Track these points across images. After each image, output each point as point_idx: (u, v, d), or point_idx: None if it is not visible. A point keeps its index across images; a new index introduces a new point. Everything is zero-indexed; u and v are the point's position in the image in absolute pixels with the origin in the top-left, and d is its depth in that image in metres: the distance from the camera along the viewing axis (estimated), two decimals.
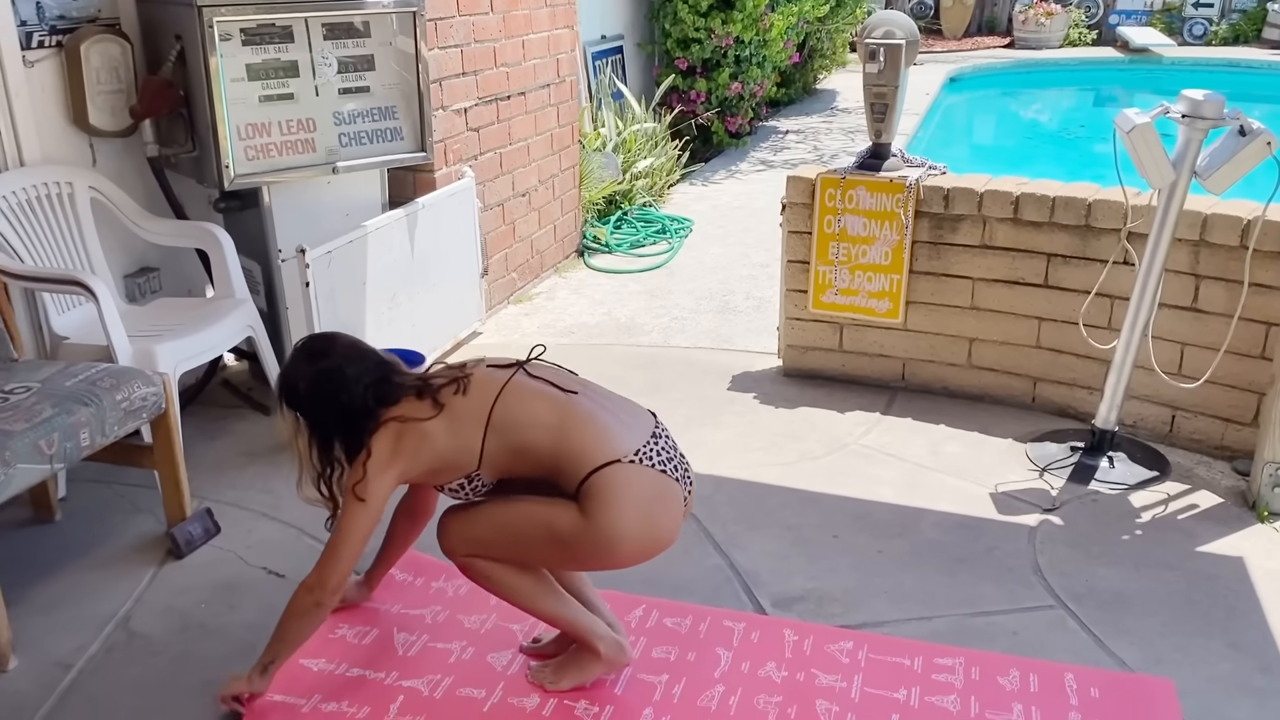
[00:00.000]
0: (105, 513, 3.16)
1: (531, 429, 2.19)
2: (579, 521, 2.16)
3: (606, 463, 2.15)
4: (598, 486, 2.15)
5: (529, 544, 2.23)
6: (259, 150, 3.48)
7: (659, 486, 2.19)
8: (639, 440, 2.22)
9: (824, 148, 8.16)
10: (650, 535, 2.20)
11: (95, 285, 2.94)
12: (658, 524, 2.20)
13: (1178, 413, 3.46)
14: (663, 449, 2.24)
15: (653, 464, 2.19)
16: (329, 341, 2.38)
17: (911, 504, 3.20)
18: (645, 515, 2.17)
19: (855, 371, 4.00)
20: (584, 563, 2.29)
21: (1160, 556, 2.93)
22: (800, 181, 3.86)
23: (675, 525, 2.24)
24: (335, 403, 2.25)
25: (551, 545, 2.20)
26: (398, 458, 2.20)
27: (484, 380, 2.26)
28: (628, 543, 2.16)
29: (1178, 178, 3.06)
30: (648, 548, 2.22)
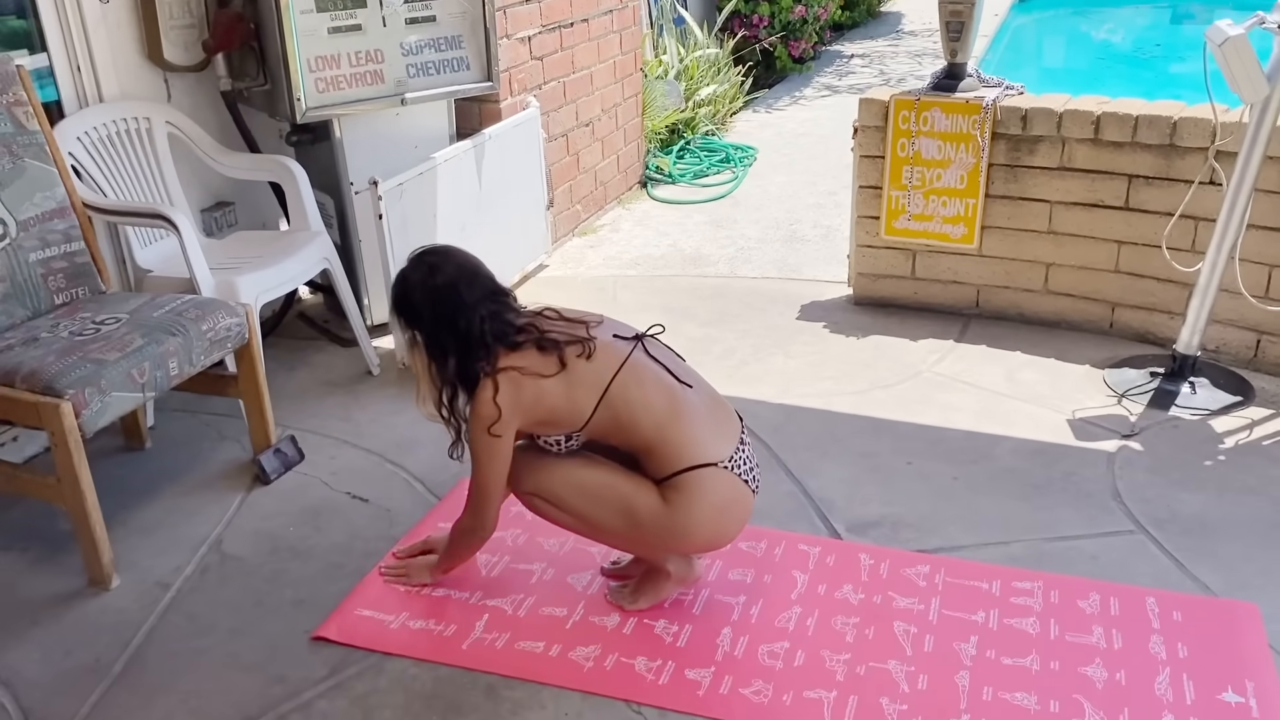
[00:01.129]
0: (193, 441, 3.26)
1: (642, 412, 2.23)
2: (659, 508, 2.23)
3: (702, 464, 2.22)
4: (688, 483, 2.22)
5: (599, 509, 2.29)
6: (329, 83, 3.49)
7: (738, 494, 2.28)
8: (730, 447, 2.28)
9: (890, 72, 7.97)
10: (717, 536, 2.32)
11: (177, 218, 3.00)
12: (727, 527, 2.32)
13: (1263, 337, 3.37)
14: (747, 457, 2.31)
15: (739, 473, 2.27)
16: (444, 257, 2.34)
17: (987, 431, 3.18)
18: (720, 518, 2.28)
19: (928, 299, 3.95)
20: (643, 543, 2.35)
21: (1244, 482, 2.88)
22: (873, 104, 3.78)
23: (739, 529, 2.35)
24: (451, 325, 2.24)
25: (621, 518, 2.27)
26: (518, 409, 2.21)
27: (607, 349, 2.27)
28: (695, 538, 2.29)
29: (1272, 91, 2.94)
30: (708, 545, 2.36)
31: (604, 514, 2.30)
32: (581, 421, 2.24)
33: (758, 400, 3.39)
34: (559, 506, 2.33)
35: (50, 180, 2.88)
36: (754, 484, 2.32)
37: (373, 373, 3.63)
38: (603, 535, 2.37)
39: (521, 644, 2.36)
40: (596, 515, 2.31)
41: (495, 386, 2.20)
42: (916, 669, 2.26)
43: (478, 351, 2.23)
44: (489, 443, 2.23)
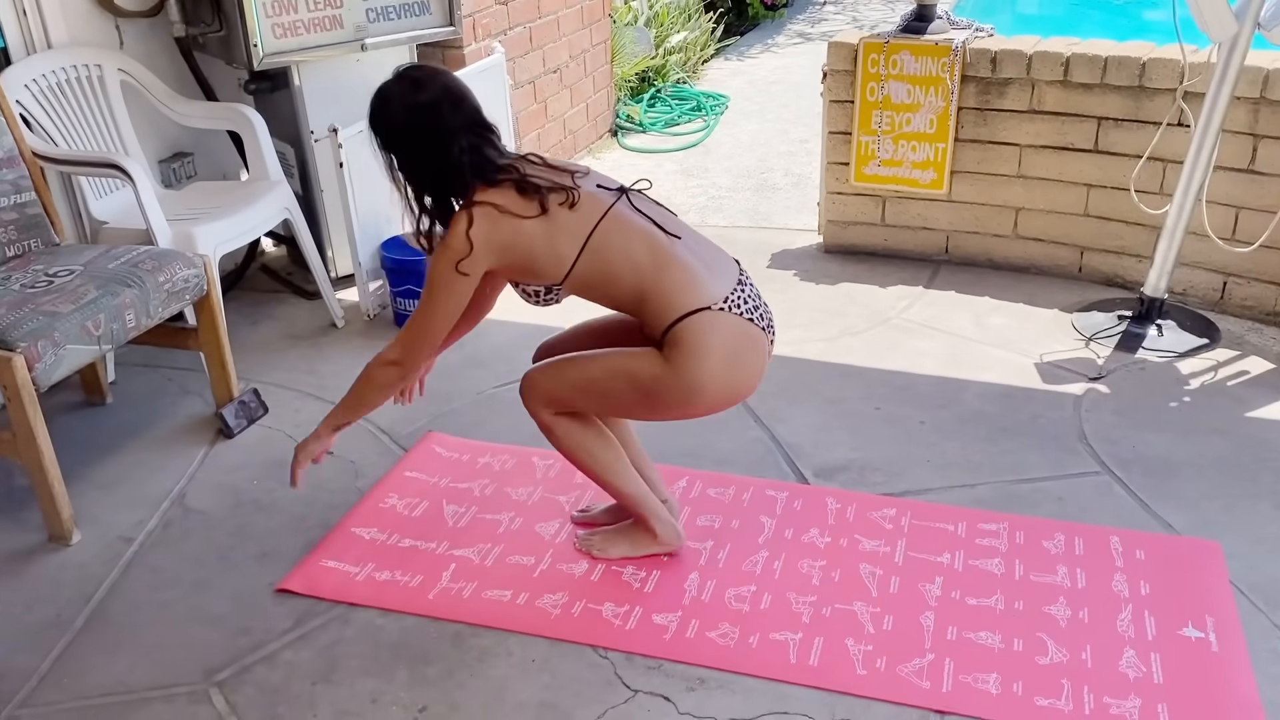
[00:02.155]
0: (155, 396, 3.21)
1: (624, 264, 2.12)
2: (663, 369, 2.12)
3: (694, 310, 2.10)
4: (684, 334, 2.10)
5: (612, 395, 2.20)
6: (286, 28, 3.41)
7: (744, 334, 2.15)
8: (726, 287, 2.15)
9: (863, 18, 7.90)
10: (732, 384, 2.17)
11: (131, 167, 2.93)
12: (740, 373, 2.17)
13: (1229, 279, 3.38)
14: (749, 296, 2.18)
15: (740, 311, 2.14)
16: (430, 76, 2.19)
17: (955, 376, 3.18)
18: (729, 364, 2.14)
19: (898, 246, 3.93)
20: (665, 410, 2.22)
21: (1208, 422, 2.90)
22: (842, 47, 3.73)
23: (758, 374, 2.21)
24: (428, 149, 2.11)
25: (634, 394, 2.17)
26: (491, 247, 2.09)
27: (590, 199, 2.14)
28: (710, 391, 2.14)
29: (1241, 30, 2.92)
30: (728, 396, 2.20)
31: (616, 398, 2.20)
32: (563, 272, 2.13)
33: None
34: (574, 409, 2.25)
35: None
36: (762, 322, 2.19)
37: (337, 325, 3.59)
38: (622, 413, 2.31)
39: (489, 593, 2.35)
40: (610, 402, 2.22)
41: (470, 220, 2.07)
42: (882, 610, 2.27)
43: (453, 182, 2.12)
44: (451, 279, 2.10)
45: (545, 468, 2.79)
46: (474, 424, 3.03)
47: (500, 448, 2.89)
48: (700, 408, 2.19)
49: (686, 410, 2.20)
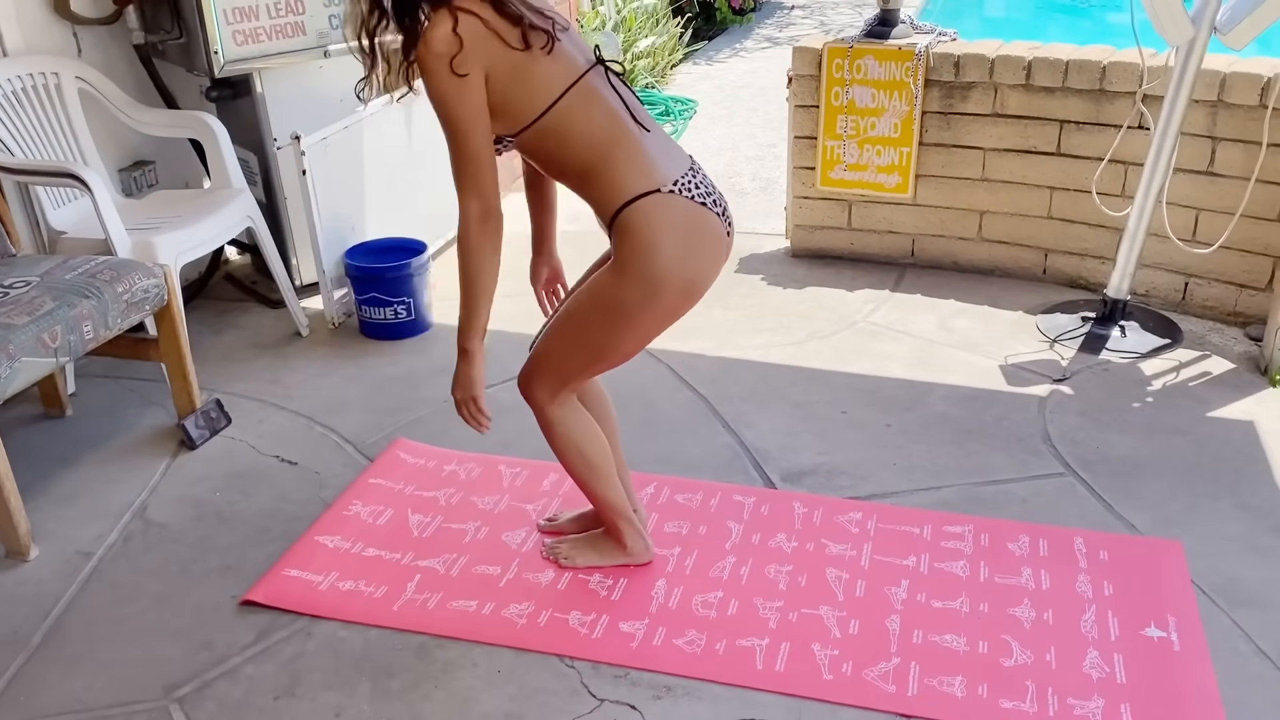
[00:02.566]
0: (116, 407, 3.17)
1: (583, 134, 2.01)
2: (618, 274, 2.05)
3: (644, 193, 2.01)
4: (633, 219, 2.01)
5: (591, 334, 2.13)
6: (248, 35, 3.38)
7: (696, 218, 2.05)
8: (677, 171, 2.06)
9: (831, 23, 7.93)
10: (689, 272, 2.06)
11: (88, 176, 2.89)
12: (697, 260, 2.07)
13: (1191, 280, 3.41)
14: (700, 181, 2.09)
15: (692, 195, 2.05)
16: None
17: (921, 379, 3.19)
18: (684, 250, 2.03)
19: (864, 249, 3.94)
20: (635, 321, 2.09)
21: (1171, 422, 2.92)
22: (807, 52, 3.75)
23: (715, 263, 2.12)
24: None
25: (606, 319, 2.09)
26: (479, 50, 1.90)
27: (568, 57, 2.00)
28: (669, 281, 2.03)
29: (1197, 33, 2.95)
30: (688, 286, 2.08)
31: (599, 338, 2.13)
32: (524, 123, 1.99)
33: (696, 354, 3.37)
34: (571, 376, 2.19)
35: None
36: (716, 208, 2.09)
37: (301, 334, 3.56)
38: (609, 351, 2.17)
39: (454, 603, 2.33)
40: (598, 349, 2.15)
41: (454, 19, 1.89)
42: (848, 614, 2.27)
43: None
44: (457, 85, 1.90)
45: (512, 475, 2.77)
46: (441, 431, 3.01)
47: (467, 455, 2.87)
48: (665, 303, 2.07)
49: (654, 311, 2.08)
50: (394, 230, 3.76)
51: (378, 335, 3.53)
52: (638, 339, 2.16)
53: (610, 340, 2.14)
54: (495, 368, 3.29)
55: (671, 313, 2.13)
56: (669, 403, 3.12)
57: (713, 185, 2.13)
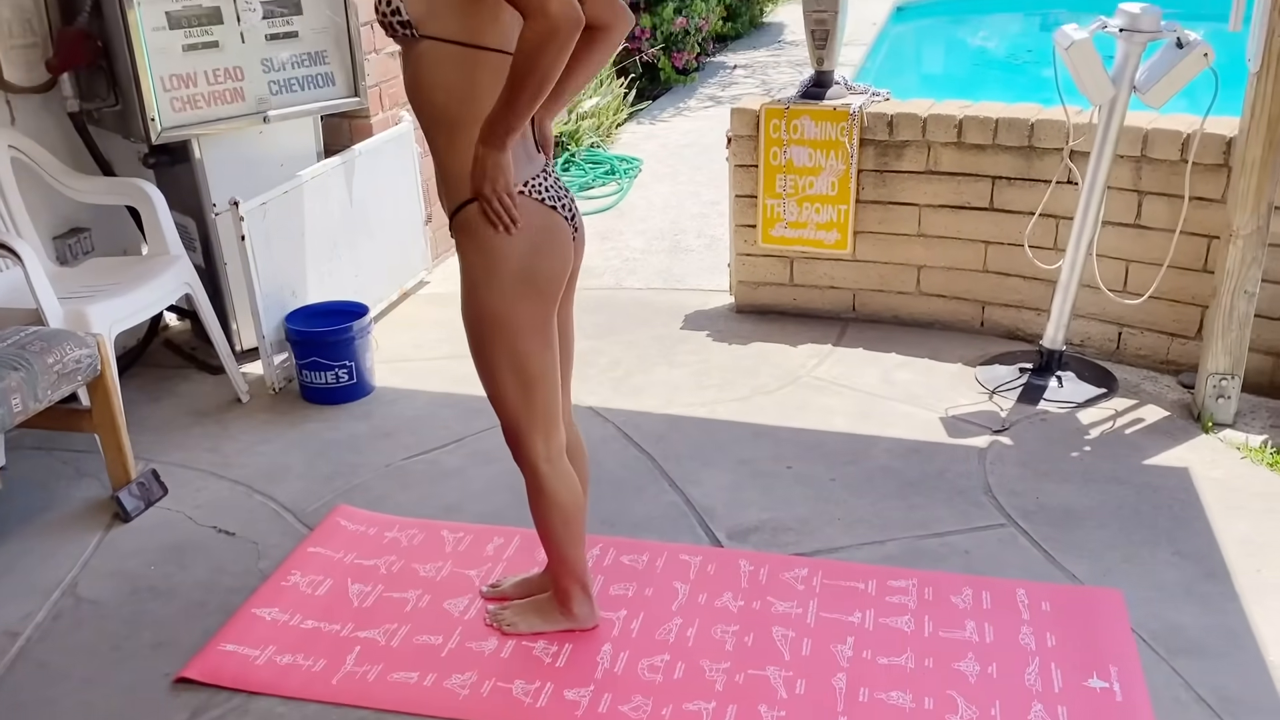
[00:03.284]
0: (48, 479, 3.09)
1: (474, 90, 1.93)
2: (471, 289, 2.05)
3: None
4: (474, 218, 1.98)
5: (496, 356, 2.10)
6: (186, 101, 3.37)
7: (543, 220, 2.03)
8: (530, 172, 2.03)
9: (772, 81, 8.07)
10: (534, 272, 2.04)
11: (19, 246, 2.85)
12: (542, 261, 2.04)
13: (1124, 329, 3.49)
14: (553, 185, 2.08)
15: (541, 198, 2.03)
16: None
17: (864, 432, 3.22)
18: (528, 249, 2.01)
19: (806, 305, 3.99)
20: (518, 321, 2.07)
21: (1108, 471, 2.96)
22: (745, 113, 3.81)
23: (562, 264, 2.10)
24: None
25: (494, 334, 2.08)
26: None
27: (515, 28, 1.88)
28: (516, 276, 2.02)
29: (1117, 93, 3.05)
30: (538, 285, 2.06)
31: (492, 356, 2.10)
32: (453, 34, 1.90)
33: (642, 411, 3.38)
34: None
35: None
36: (565, 211, 2.08)
37: (241, 400, 3.51)
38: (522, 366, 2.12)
39: (395, 675, 2.29)
40: (496, 364, 2.11)
41: None
42: (794, 674, 2.25)
43: None
44: None
45: (455, 541, 2.74)
46: (381, 497, 2.98)
47: (409, 521, 2.83)
48: (524, 299, 2.05)
49: (520, 306, 2.05)
50: (335, 293, 3.74)
51: (319, 400, 3.49)
52: (531, 340, 2.10)
53: (511, 353, 2.09)
54: (439, 431, 3.30)
55: (539, 305, 2.08)
56: (615, 462, 3.11)
57: (563, 188, 2.12)
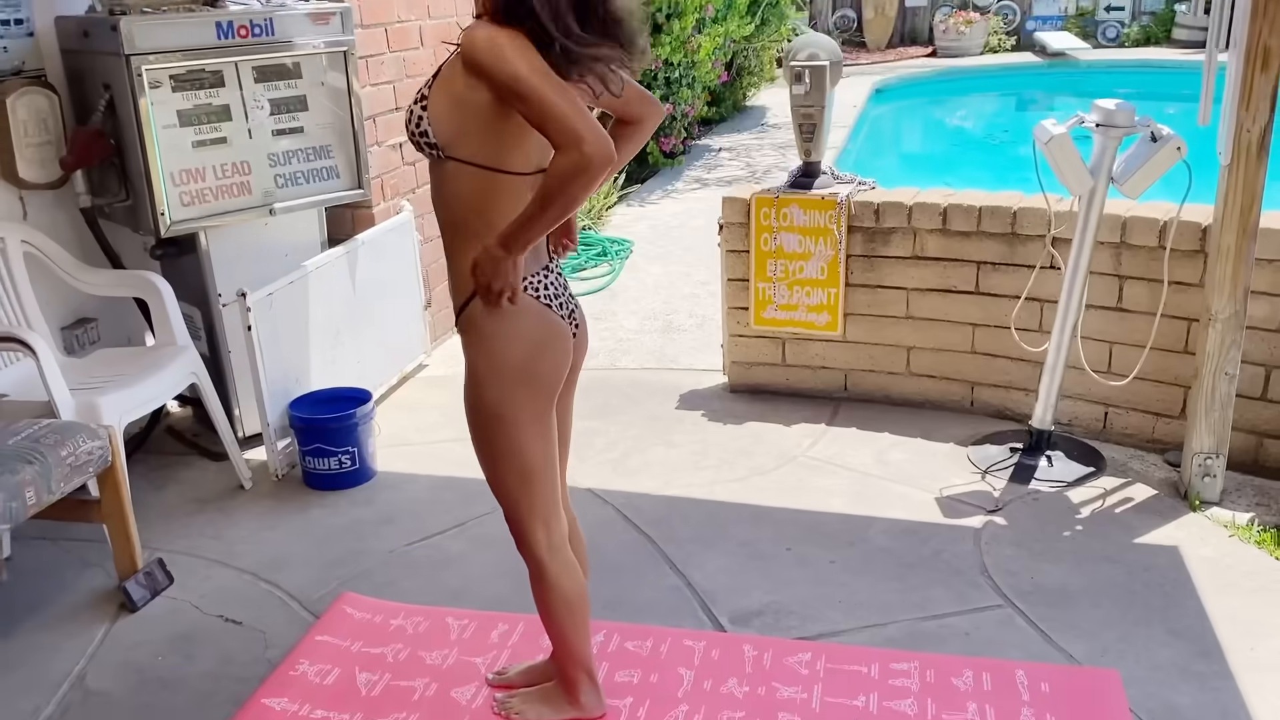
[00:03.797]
0: (54, 570, 3.11)
1: (488, 210, 2.01)
2: (473, 383, 2.11)
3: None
4: (478, 315, 2.05)
5: (496, 449, 2.15)
6: (194, 196, 3.47)
7: (540, 319, 2.09)
8: (530, 270, 2.09)
9: (756, 164, 8.27)
10: (532, 371, 2.09)
11: (34, 341, 2.91)
12: (539, 361, 2.10)
13: (1110, 409, 3.58)
14: (552, 283, 2.14)
15: (537, 295, 2.09)
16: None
17: (860, 513, 3.28)
18: (528, 347, 2.07)
19: (799, 384, 4.07)
20: (517, 416, 2.11)
21: (1100, 550, 3.03)
22: (736, 202, 3.94)
23: (560, 364, 2.14)
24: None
25: (493, 428, 2.12)
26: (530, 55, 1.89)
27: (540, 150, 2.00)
28: (515, 374, 2.07)
29: (1096, 184, 3.18)
30: (536, 384, 2.11)
31: (492, 449, 2.15)
32: (472, 156, 1.98)
33: (641, 493, 3.43)
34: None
35: None
36: (562, 310, 2.13)
37: (245, 487, 3.55)
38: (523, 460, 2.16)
39: None
40: (495, 457, 2.16)
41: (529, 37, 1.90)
42: None
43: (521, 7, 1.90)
44: (519, 52, 1.87)
45: (460, 628, 2.77)
46: (386, 584, 3.01)
47: (414, 609, 2.86)
48: (521, 396, 2.10)
49: (518, 402, 2.10)
50: (337, 379, 3.80)
51: (321, 486, 3.53)
52: (529, 433, 2.14)
53: (510, 445, 2.14)
54: (442, 516, 3.34)
55: (537, 400, 2.13)
56: (615, 544, 3.15)
57: (564, 287, 2.18)
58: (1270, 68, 2.87)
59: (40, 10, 3.48)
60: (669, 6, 7.37)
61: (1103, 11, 13.82)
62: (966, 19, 13.57)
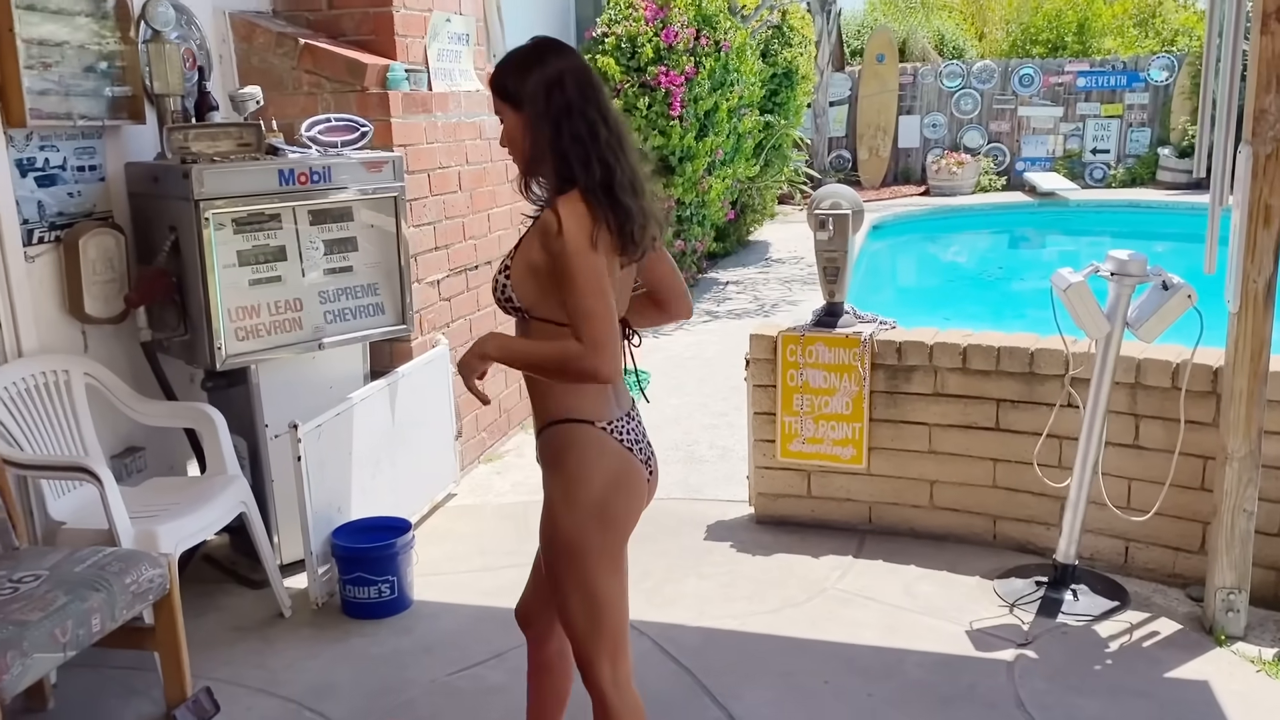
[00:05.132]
0: (100, 697, 3.14)
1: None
2: (553, 515, 2.19)
3: (580, 419, 2.17)
4: (561, 443, 2.17)
5: (571, 582, 2.21)
6: (249, 331, 3.62)
7: (620, 459, 2.20)
8: (617, 414, 2.22)
9: (764, 298, 8.53)
10: (608, 507, 2.19)
11: (101, 471, 3.01)
12: (616, 497, 2.20)
13: (1130, 544, 3.68)
14: (634, 429, 2.25)
15: (620, 439, 2.20)
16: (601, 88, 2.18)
17: (893, 645, 3.34)
18: (606, 484, 2.17)
19: (824, 516, 4.17)
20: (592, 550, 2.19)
21: (1132, 685, 3.09)
22: (763, 339, 4.11)
23: (635, 503, 2.24)
24: (584, 142, 2.10)
25: (571, 560, 2.20)
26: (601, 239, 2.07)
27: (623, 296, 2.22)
28: (584, 502, 2.17)
29: (1112, 328, 3.36)
30: (610, 523, 2.21)
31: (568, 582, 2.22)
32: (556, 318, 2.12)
33: (676, 624, 3.49)
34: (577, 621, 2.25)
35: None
36: (641, 455, 2.24)
37: (284, 615, 3.60)
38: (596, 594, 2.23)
39: None
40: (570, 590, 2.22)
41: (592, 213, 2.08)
42: None
43: (563, 174, 2.11)
44: (588, 253, 2.05)
45: None
46: (431, 715, 3.04)
47: None
48: (597, 530, 2.18)
49: (596, 536, 2.19)
50: (374, 508, 3.89)
51: (360, 614, 3.59)
52: (601, 567, 2.22)
53: (581, 578, 2.21)
54: (481, 646, 3.38)
55: (611, 536, 2.22)
56: (655, 677, 3.20)
57: (642, 433, 2.29)
58: (1272, 224, 3.09)
59: (111, 157, 3.70)
60: (681, 150, 7.73)
61: (1089, 154, 14.43)
62: (958, 160, 14.14)
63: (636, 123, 7.52)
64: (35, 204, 3.42)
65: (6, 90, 3.25)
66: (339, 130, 3.88)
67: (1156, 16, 17.02)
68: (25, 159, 3.38)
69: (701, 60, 7.68)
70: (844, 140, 15.08)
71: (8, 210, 3.27)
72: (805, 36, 11.02)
